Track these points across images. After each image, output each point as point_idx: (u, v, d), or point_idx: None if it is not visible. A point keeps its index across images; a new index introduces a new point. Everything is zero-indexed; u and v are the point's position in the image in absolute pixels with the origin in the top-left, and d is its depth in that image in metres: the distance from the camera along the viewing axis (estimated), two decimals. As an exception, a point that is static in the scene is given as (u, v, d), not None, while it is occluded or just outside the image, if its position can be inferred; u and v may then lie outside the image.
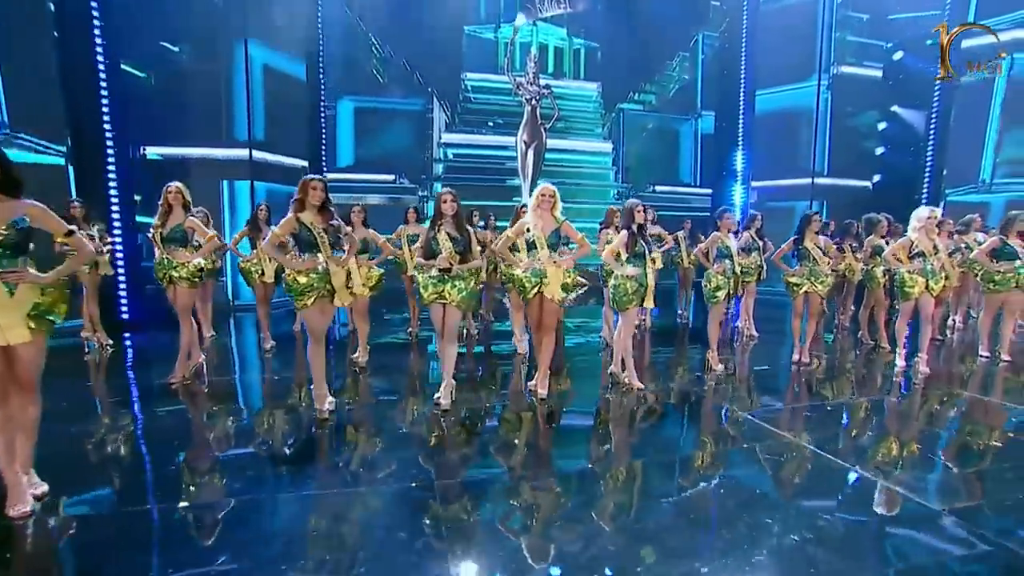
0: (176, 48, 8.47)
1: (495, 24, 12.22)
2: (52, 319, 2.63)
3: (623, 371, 4.77)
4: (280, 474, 3.27)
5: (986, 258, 5.67)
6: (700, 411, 4.47)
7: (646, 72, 12.77)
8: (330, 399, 4.07)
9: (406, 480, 3.04)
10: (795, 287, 5.53)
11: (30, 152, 6.54)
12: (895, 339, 5.61)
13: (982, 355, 5.91)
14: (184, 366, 4.81)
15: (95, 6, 6.56)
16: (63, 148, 6.74)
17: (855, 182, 11.56)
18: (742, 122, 11.84)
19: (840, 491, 3.01)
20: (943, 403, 4.70)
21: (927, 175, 10.31)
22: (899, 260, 5.32)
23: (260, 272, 6.10)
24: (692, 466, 3.39)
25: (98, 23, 6.52)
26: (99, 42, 6.56)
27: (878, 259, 6.13)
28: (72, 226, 2.78)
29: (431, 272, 3.97)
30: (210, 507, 2.78)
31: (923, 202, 9.68)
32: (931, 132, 10.31)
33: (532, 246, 4.23)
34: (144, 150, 8.40)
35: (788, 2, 11.54)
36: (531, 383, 4.54)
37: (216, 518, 2.66)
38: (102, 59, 6.62)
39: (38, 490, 2.71)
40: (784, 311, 7.01)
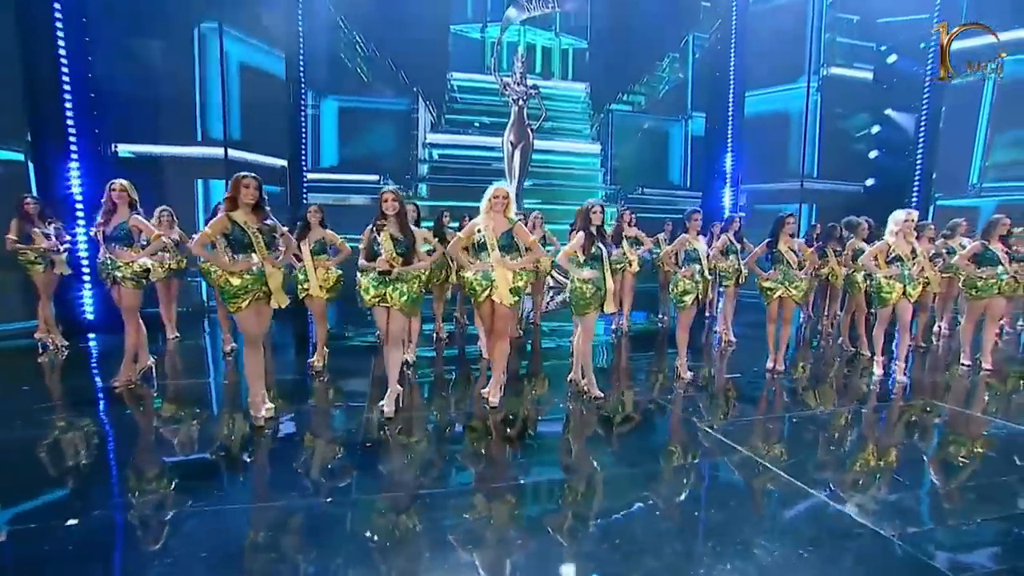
0: (149, 42, 8.32)
1: (482, 23, 12.07)
2: None
3: (583, 379, 4.58)
4: (194, 487, 3.03)
5: (967, 264, 5.47)
6: (656, 423, 4.24)
7: (635, 73, 12.59)
8: (268, 405, 3.90)
9: (321, 494, 2.87)
10: (769, 292, 5.34)
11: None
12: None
13: (964, 364, 5.70)
14: (129, 369, 4.64)
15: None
16: (22, 144, 6.60)
17: (846, 185, 11.34)
18: (731, 124, 11.63)
19: (784, 515, 2.79)
20: (916, 416, 4.48)
21: (917, 179, 10.08)
22: (876, 265, 5.14)
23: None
24: (630, 485, 3.14)
25: (60, 15, 6.36)
26: (61, 35, 6.40)
27: (858, 263, 5.93)
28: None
29: (372, 274, 3.80)
30: (105, 522, 2.61)
31: (913, 206, 9.46)
32: (921, 135, 10.10)
33: (482, 248, 4.06)
34: (116, 147, 8.26)
35: (778, 3, 11.35)
36: (484, 390, 4.36)
37: (112, 535, 2.49)
38: (64, 52, 6.47)
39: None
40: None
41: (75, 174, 6.70)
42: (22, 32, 6.40)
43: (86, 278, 6.90)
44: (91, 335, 6.56)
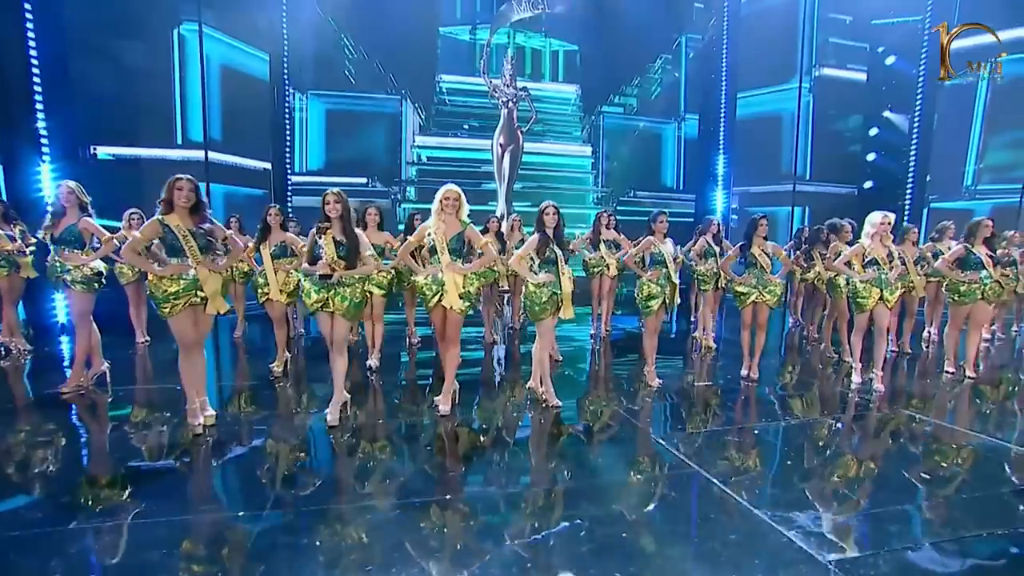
0: (129, 44, 8.29)
1: (471, 25, 11.98)
2: None
3: (541, 386, 4.43)
4: (103, 498, 2.90)
5: (949, 268, 5.26)
6: (609, 434, 4.04)
7: (627, 75, 12.44)
8: (209, 412, 3.80)
9: (235, 508, 2.74)
10: (742, 297, 5.17)
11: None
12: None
13: (947, 371, 5.49)
14: (79, 375, 4.56)
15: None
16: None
17: (839, 188, 11.11)
18: (723, 126, 11.45)
19: (722, 539, 2.59)
20: (889, 428, 4.28)
21: (910, 181, 9.84)
22: (850, 268, 4.96)
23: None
24: (563, 501, 2.96)
25: (31, 15, 6.32)
26: (32, 38, 6.37)
27: (833, 266, 5.74)
28: None
29: (314, 278, 3.68)
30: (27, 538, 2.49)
31: (907, 209, 9.23)
32: (914, 137, 9.86)
33: (432, 251, 3.93)
34: (95, 150, 8.24)
35: (770, 4, 11.16)
36: (437, 398, 4.22)
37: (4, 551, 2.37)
38: (36, 55, 6.44)
39: None
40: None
41: (47, 176, 6.67)
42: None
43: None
44: (61, 339, 6.51)
